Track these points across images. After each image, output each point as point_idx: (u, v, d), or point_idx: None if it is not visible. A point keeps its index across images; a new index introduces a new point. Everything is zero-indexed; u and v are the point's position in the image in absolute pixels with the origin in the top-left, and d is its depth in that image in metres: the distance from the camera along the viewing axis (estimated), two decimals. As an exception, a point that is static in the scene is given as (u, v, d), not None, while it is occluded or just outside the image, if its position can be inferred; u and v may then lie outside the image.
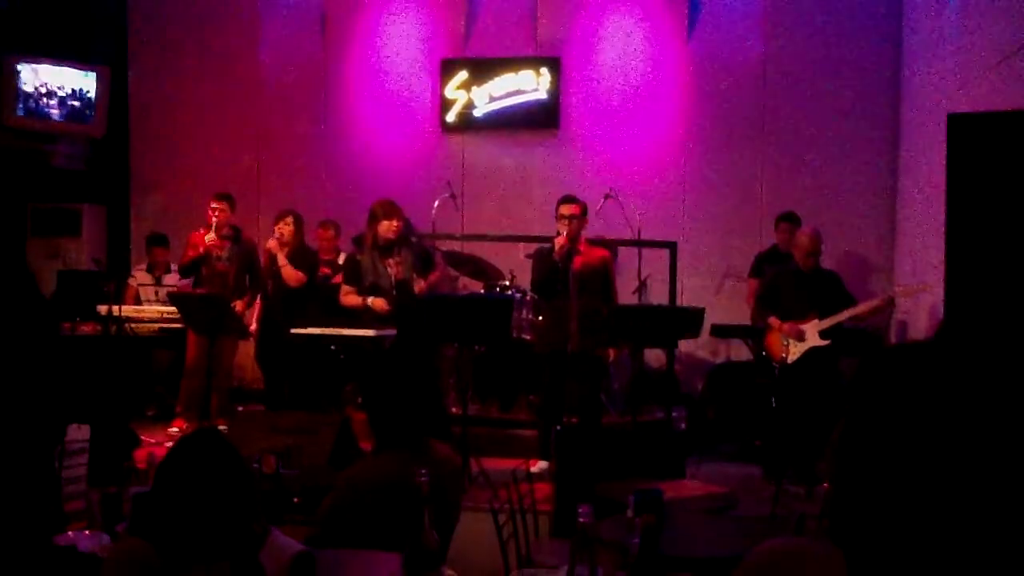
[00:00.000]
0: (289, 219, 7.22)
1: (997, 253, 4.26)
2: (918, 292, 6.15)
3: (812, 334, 6.26)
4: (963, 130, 4.48)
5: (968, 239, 4.39)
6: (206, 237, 7.21)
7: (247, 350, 7.85)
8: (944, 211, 4.56)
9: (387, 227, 6.23)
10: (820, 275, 6.43)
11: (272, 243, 7.16)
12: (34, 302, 2.61)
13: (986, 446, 1.16)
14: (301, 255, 7.29)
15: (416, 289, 6.24)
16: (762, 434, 6.68)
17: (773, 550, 1.29)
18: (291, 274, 7.13)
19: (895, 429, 1.19)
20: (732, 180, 8.64)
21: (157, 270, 8.41)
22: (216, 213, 7.29)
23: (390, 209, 6.29)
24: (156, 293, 8.26)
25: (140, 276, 8.42)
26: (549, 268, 6.26)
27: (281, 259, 7.12)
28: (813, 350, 6.23)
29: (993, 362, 1.18)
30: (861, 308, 6.28)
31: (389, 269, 6.21)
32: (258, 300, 7.42)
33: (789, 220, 7.43)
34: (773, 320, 6.39)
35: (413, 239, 6.45)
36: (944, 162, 4.55)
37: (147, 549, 2.37)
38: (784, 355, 6.30)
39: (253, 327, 7.42)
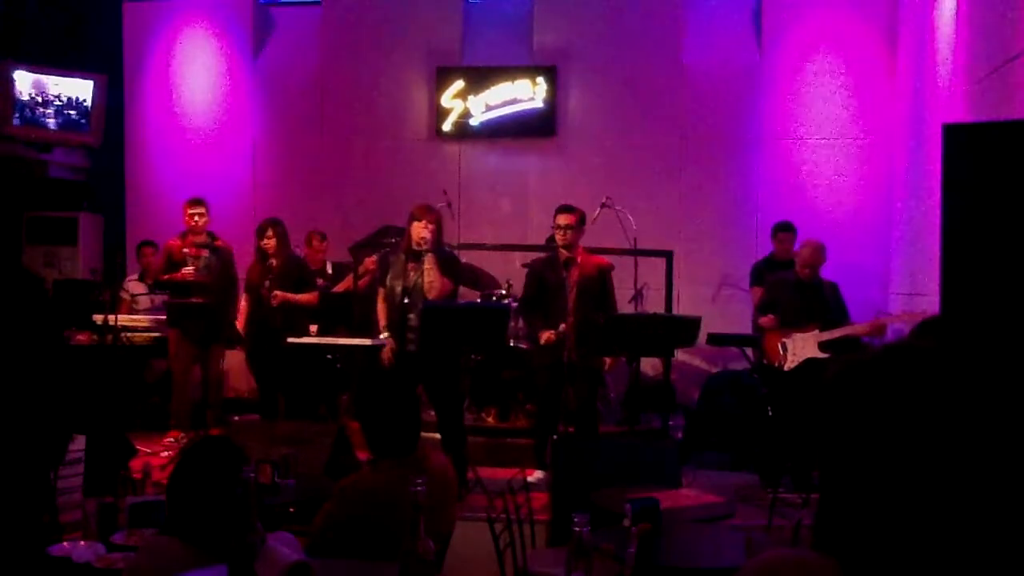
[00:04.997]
0: (270, 232, 6.99)
1: (993, 262, 4.27)
2: (913, 320, 6.15)
3: (812, 345, 6.26)
4: (958, 140, 4.49)
5: (964, 248, 4.40)
6: (183, 270, 7.11)
7: (242, 360, 7.82)
8: (940, 221, 4.57)
9: (418, 227, 5.94)
10: (820, 285, 6.45)
11: (278, 295, 6.87)
12: (40, 310, 2.61)
13: (976, 449, 1.16)
14: (296, 271, 7.11)
15: (426, 283, 6.03)
16: (759, 443, 6.68)
17: (769, 562, 1.28)
18: (306, 300, 7.00)
19: (880, 433, 1.19)
20: (728, 189, 8.66)
21: (149, 276, 8.36)
22: (195, 218, 7.26)
23: (425, 211, 6.07)
24: (152, 301, 8.23)
25: (133, 286, 8.37)
26: (540, 284, 6.26)
27: (292, 297, 6.91)
28: (810, 360, 6.24)
29: (983, 365, 1.19)
30: (857, 329, 6.31)
31: (411, 274, 6.01)
32: (243, 308, 7.29)
33: (787, 229, 7.48)
34: (766, 320, 6.40)
35: (446, 248, 6.30)
36: (940, 172, 4.56)
37: (177, 547, 2.39)
38: (781, 361, 6.32)
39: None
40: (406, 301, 5.97)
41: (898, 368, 1.20)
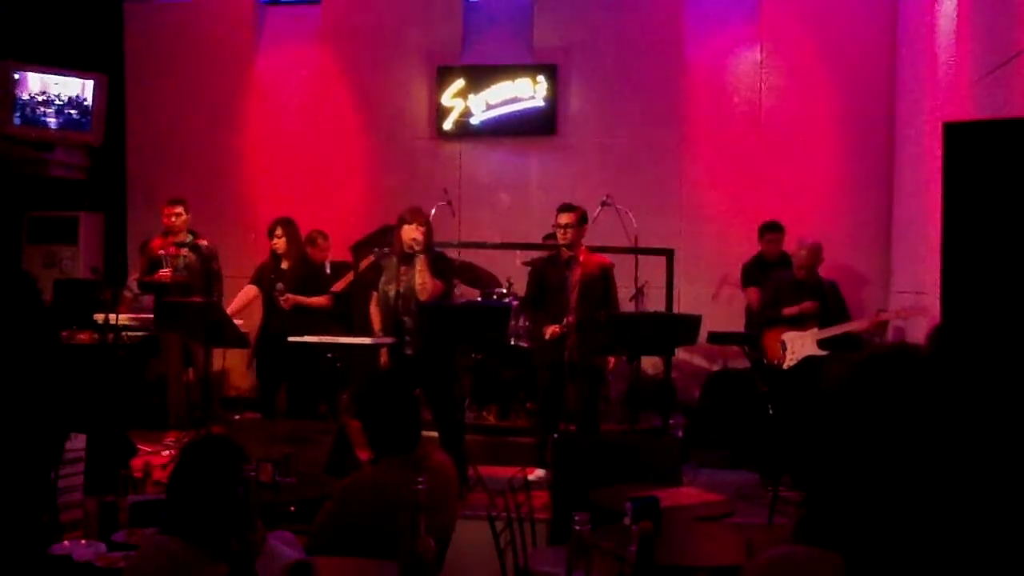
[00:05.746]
0: (279, 231, 6.99)
1: (994, 261, 4.27)
2: (914, 315, 6.15)
3: (811, 343, 6.27)
4: (958, 138, 4.49)
5: (964, 247, 4.40)
6: (161, 272, 7.10)
7: (242, 359, 7.82)
8: (940, 219, 4.56)
9: (408, 230, 6.00)
10: (820, 284, 6.46)
11: (289, 298, 6.84)
12: (35, 310, 2.61)
13: (974, 448, 1.16)
14: (308, 272, 7.09)
15: (418, 284, 6.03)
16: (759, 441, 6.68)
17: (776, 559, 1.29)
18: (318, 303, 6.97)
19: (878, 433, 1.20)
20: (729, 187, 8.66)
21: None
22: (172, 218, 7.24)
23: (415, 213, 6.11)
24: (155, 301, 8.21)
25: (135, 286, 8.37)
26: (542, 284, 6.26)
27: (304, 300, 6.88)
28: (809, 358, 6.25)
29: (983, 367, 1.19)
30: (855, 325, 6.32)
31: (403, 277, 6.04)
32: (243, 302, 7.24)
33: (774, 229, 7.47)
34: (790, 310, 6.38)
35: (435, 249, 6.31)
36: (940, 170, 4.56)
37: (178, 546, 2.40)
38: (780, 360, 6.32)
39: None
40: (399, 304, 6.00)
41: (897, 368, 1.20)
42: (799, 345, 6.31)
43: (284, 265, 6.97)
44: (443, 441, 5.90)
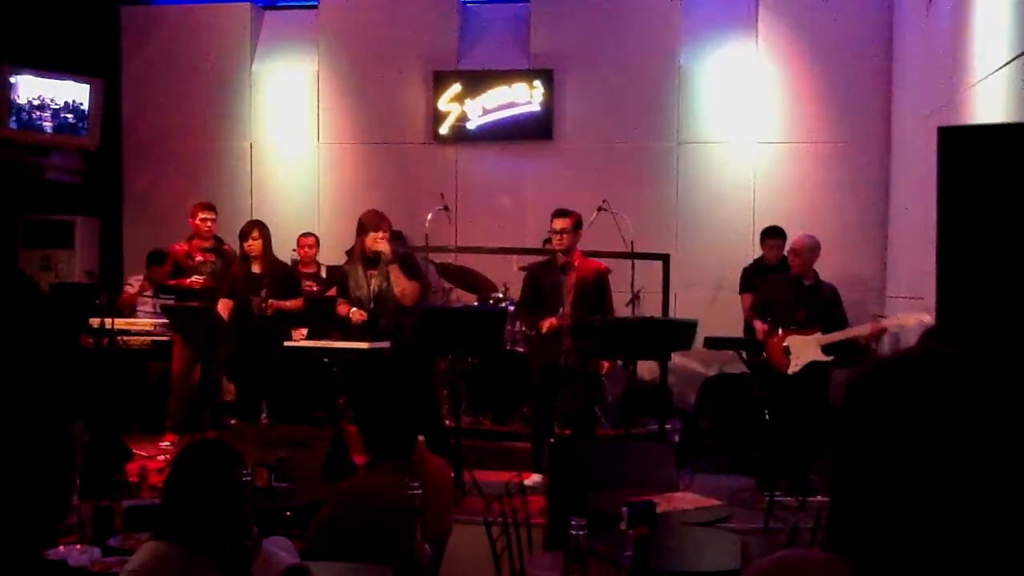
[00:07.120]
0: (255, 233, 6.91)
1: (990, 267, 4.27)
2: (914, 323, 6.13)
3: (815, 348, 6.25)
4: (954, 143, 4.49)
5: (960, 253, 4.40)
6: (195, 278, 7.09)
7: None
8: (936, 225, 4.57)
9: (373, 239, 6.16)
10: (821, 288, 6.45)
11: (273, 304, 6.77)
12: (37, 311, 2.60)
13: (981, 451, 1.17)
14: (285, 276, 7.04)
15: (397, 293, 6.10)
16: (756, 446, 6.68)
17: (776, 563, 1.29)
18: (295, 306, 6.95)
19: (890, 439, 1.20)
20: (725, 192, 8.67)
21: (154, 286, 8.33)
22: (208, 223, 7.25)
23: (377, 220, 6.22)
24: (154, 306, 8.19)
25: (138, 284, 8.36)
26: (536, 288, 6.27)
27: (284, 305, 6.84)
28: (813, 363, 6.24)
29: (985, 370, 1.20)
30: (858, 331, 6.31)
31: (372, 281, 6.16)
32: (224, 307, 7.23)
33: (775, 235, 7.46)
34: (758, 324, 6.41)
35: (400, 250, 6.38)
36: (936, 175, 4.56)
37: (173, 551, 2.39)
38: (784, 366, 6.31)
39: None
40: (374, 307, 6.13)
41: (924, 374, 1.20)
42: (803, 350, 6.30)
43: (256, 269, 6.91)
44: (427, 444, 5.92)
